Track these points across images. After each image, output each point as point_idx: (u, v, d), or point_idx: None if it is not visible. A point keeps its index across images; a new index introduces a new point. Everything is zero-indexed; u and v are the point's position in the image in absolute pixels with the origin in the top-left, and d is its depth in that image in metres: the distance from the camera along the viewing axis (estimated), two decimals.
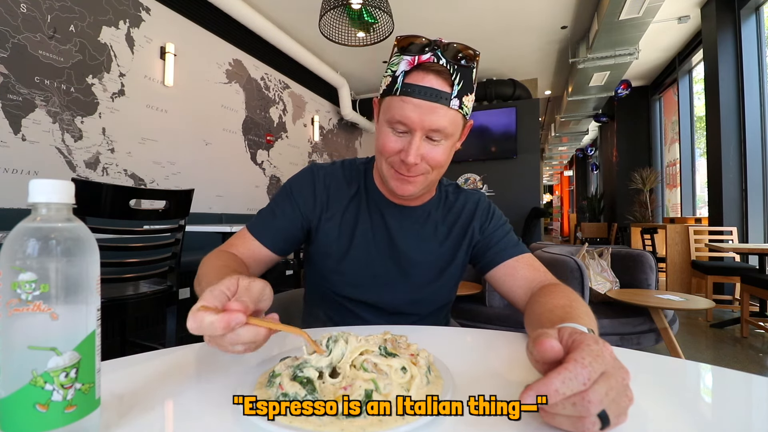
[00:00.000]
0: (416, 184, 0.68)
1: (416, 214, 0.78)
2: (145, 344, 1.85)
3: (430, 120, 0.62)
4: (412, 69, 0.63)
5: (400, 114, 0.63)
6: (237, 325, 0.36)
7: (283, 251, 0.74)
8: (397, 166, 0.66)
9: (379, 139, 0.68)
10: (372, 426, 0.32)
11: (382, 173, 0.70)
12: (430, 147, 0.65)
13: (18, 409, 0.27)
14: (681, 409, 0.38)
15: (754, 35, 3.79)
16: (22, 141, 2.29)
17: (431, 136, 0.64)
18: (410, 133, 0.64)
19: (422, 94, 0.61)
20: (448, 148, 0.67)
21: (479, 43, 4.95)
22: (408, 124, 0.63)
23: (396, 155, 0.65)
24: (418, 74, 0.62)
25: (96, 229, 1.23)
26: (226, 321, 0.36)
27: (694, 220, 4.77)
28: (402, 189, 0.68)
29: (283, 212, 0.74)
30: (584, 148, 11.00)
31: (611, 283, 2.36)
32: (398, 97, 0.63)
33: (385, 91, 0.66)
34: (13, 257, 0.28)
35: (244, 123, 4.15)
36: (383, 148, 0.66)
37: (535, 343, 0.36)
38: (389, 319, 0.76)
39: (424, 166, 0.66)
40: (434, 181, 0.72)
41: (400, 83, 0.63)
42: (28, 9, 2.31)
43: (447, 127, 0.63)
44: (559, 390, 0.30)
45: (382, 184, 0.77)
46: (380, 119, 0.68)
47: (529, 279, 0.71)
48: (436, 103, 0.62)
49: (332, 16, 2.71)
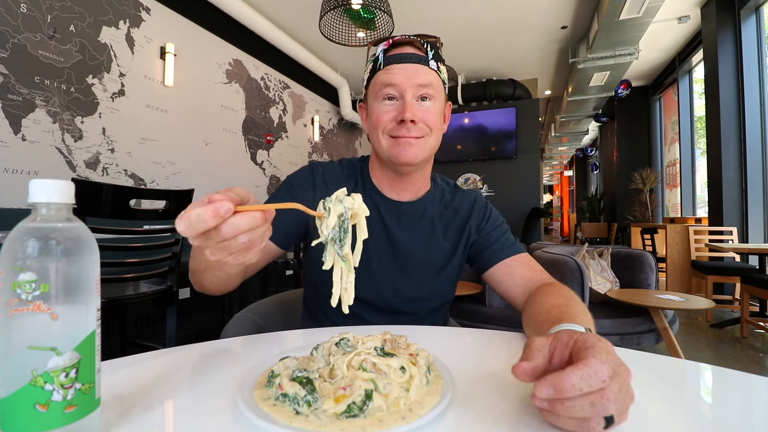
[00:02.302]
0: (417, 146, 0.70)
1: (412, 210, 0.78)
2: (145, 344, 1.85)
3: (416, 77, 0.68)
4: (389, 48, 0.71)
5: (388, 80, 0.68)
6: (226, 212, 0.34)
7: (282, 243, 0.73)
8: (395, 132, 0.69)
9: (373, 116, 0.71)
10: (372, 426, 0.32)
11: (383, 150, 0.72)
12: (422, 108, 0.69)
13: (18, 409, 0.27)
14: (681, 409, 0.38)
15: (754, 35, 3.79)
16: (22, 141, 2.29)
17: (421, 95, 0.69)
18: (401, 98, 0.69)
19: (404, 59, 0.69)
20: (438, 109, 0.72)
21: (479, 42, 4.95)
22: (397, 85, 0.68)
23: (392, 121, 0.69)
24: (395, 49, 0.71)
25: (96, 229, 1.23)
26: (213, 208, 0.34)
27: (694, 220, 4.77)
28: (405, 153, 0.69)
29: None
30: (584, 148, 11.00)
31: (611, 283, 2.36)
32: (382, 70, 0.69)
33: (369, 79, 0.73)
34: (13, 257, 0.28)
35: (244, 123, 4.15)
36: (378, 120, 0.70)
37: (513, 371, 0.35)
38: (387, 318, 0.76)
39: (422, 127, 0.69)
40: (432, 149, 0.74)
41: (381, 60, 0.70)
42: (28, 9, 2.31)
43: (433, 83, 0.70)
44: (577, 385, 0.29)
45: (379, 178, 0.78)
46: (370, 101, 0.73)
47: (526, 278, 0.72)
48: (418, 64, 0.69)
49: (332, 16, 2.71)
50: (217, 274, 0.56)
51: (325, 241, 0.42)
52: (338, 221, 0.42)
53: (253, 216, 0.36)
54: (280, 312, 0.92)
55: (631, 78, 6.04)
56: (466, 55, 5.30)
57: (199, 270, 0.57)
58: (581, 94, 6.15)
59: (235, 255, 0.38)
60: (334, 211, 0.41)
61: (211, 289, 0.62)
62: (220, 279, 0.58)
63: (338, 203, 0.42)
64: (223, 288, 0.62)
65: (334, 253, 0.42)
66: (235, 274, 0.58)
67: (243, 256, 0.39)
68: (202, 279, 0.59)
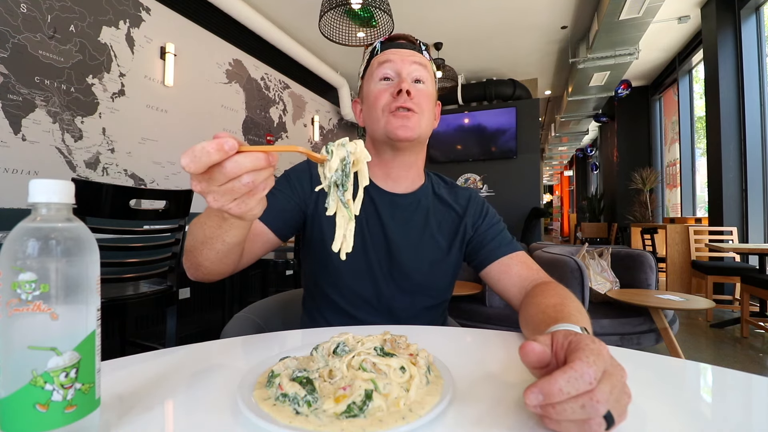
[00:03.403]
0: (413, 121, 0.73)
1: (406, 202, 0.79)
2: (145, 344, 1.85)
3: (411, 58, 0.74)
4: (384, 42, 0.77)
5: (384, 59, 0.74)
6: (230, 148, 0.34)
7: (281, 231, 0.72)
8: (393, 104, 0.72)
9: (370, 97, 0.75)
10: (372, 426, 0.32)
11: (381, 128, 0.74)
12: (416, 88, 0.74)
13: (18, 409, 0.27)
14: (681, 409, 0.38)
15: (754, 35, 3.79)
16: (22, 141, 2.29)
17: (415, 77, 0.74)
18: (397, 76, 0.74)
19: (399, 46, 0.76)
20: (431, 94, 0.77)
21: (479, 43, 4.96)
22: (393, 61, 0.74)
23: (389, 97, 0.73)
24: (391, 42, 0.77)
25: (96, 229, 1.23)
26: (217, 142, 0.34)
27: (694, 220, 4.77)
28: (402, 129, 0.72)
29: (282, 193, 0.74)
30: (584, 148, 10.99)
31: (611, 283, 2.36)
32: (379, 55, 0.76)
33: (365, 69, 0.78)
34: (13, 257, 0.28)
35: (244, 123, 4.15)
36: (376, 100, 0.74)
37: (519, 349, 0.36)
38: (385, 317, 0.76)
39: (418, 103, 0.73)
40: (426, 131, 0.76)
41: (378, 49, 0.77)
42: (28, 9, 2.31)
43: (426, 66, 0.76)
44: (564, 389, 0.29)
45: (373, 168, 0.79)
46: (365, 88, 0.78)
47: (523, 277, 0.72)
48: (413, 50, 0.76)
49: (332, 16, 2.71)
50: (216, 245, 0.53)
51: (328, 185, 0.44)
52: (341, 165, 0.43)
53: (256, 156, 0.36)
54: (280, 312, 0.92)
55: (631, 78, 6.04)
56: (466, 55, 5.30)
57: (197, 243, 0.55)
58: (581, 94, 6.15)
59: (238, 201, 0.39)
60: (337, 154, 0.43)
61: (207, 267, 0.58)
62: (218, 252, 0.54)
63: (341, 147, 0.44)
64: (218, 267, 0.58)
65: (337, 199, 0.44)
66: (233, 246, 0.54)
67: (246, 203, 0.39)
68: (199, 255, 0.56)
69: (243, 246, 0.61)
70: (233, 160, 0.35)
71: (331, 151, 0.43)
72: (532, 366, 0.36)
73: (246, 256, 0.67)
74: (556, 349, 0.36)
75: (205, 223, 0.53)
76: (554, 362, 0.35)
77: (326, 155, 0.43)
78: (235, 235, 0.52)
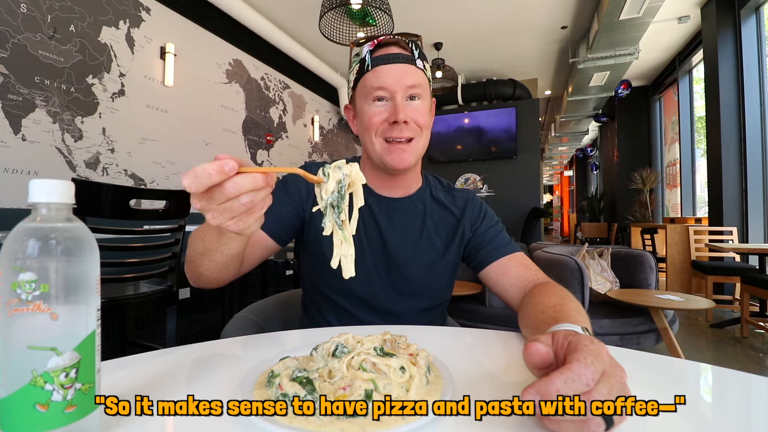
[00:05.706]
0: (410, 151, 0.71)
1: (404, 206, 0.79)
2: (145, 344, 1.85)
3: (405, 79, 0.70)
4: (375, 48, 0.72)
5: (377, 83, 0.70)
6: (230, 170, 0.36)
7: (279, 237, 0.73)
8: (388, 134, 0.70)
9: (364, 118, 0.72)
10: (372, 426, 0.32)
11: (376, 153, 0.72)
12: (412, 107, 0.71)
13: (18, 409, 0.27)
14: (681, 409, 0.38)
15: (754, 35, 3.79)
16: (22, 141, 2.29)
17: (411, 94, 0.71)
18: (392, 99, 0.70)
19: (392, 60, 0.70)
20: (427, 108, 0.74)
21: (479, 43, 4.96)
22: (387, 88, 0.69)
23: (384, 123, 0.70)
24: (382, 49, 0.71)
25: (96, 229, 1.23)
26: (218, 164, 0.35)
27: (694, 220, 4.77)
28: (399, 159, 0.71)
29: (280, 199, 0.74)
30: (584, 148, 10.99)
31: (611, 283, 2.36)
32: (371, 72, 0.70)
33: (356, 81, 0.74)
34: (13, 257, 0.28)
35: (244, 123, 4.15)
36: (370, 122, 0.71)
37: (524, 349, 0.36)
38: (384, 318, 0.76)
39: (414, 128, 0.71)
40: (423, 149, 0.75)
41: (368, 61, 0.71)
42: (28, 9, 2.31)
43: (421, 82, 0.72)
44: (561, 390, 0.30)
45: (370, 177, 0.78)
46: (358, 103, 0.74)
47: (521, 278, 0.72)
48: (405, 64, 0.70)
49: (332, 16, 2.71)
50: (215, 257, 0.55)
51: (324, 206, 0.45)
52: (336, 187, 0.44)
53: (255, 177, 0.37)
54: (280, 312, 0.92)
55: (631, 78, 6.04)
56: (466, 55, 5.30)
57: (197, 255, 0.57)
58: (581, 94, 6.15)
59: (237, 219, 0.39)
60: (333, 177, 0.44)
61: (207, 277, 0.60)
62: (217, 264, 0.56)
63: (337, 170, 0.45)
64: (218, 276, 0.60)
65: (332, 220, 0.45)
66: (232, 258, 0.56)
67: (244, 221, 0.40)
68: (200, 266, 0.58)
69: (242, 256, 0.62)
70: (233, 181, 0.36)
71: (328, 173, 0.44)
72: (535, 367, 0.36)
73: (246, 263, 0.68)
74: (557, 349, 0.36)
75: (204, 235, 0.54)
76: (554, 363, 0.35)
77: (323, 177, 0.44)
78: (233, 247, 0.53)
